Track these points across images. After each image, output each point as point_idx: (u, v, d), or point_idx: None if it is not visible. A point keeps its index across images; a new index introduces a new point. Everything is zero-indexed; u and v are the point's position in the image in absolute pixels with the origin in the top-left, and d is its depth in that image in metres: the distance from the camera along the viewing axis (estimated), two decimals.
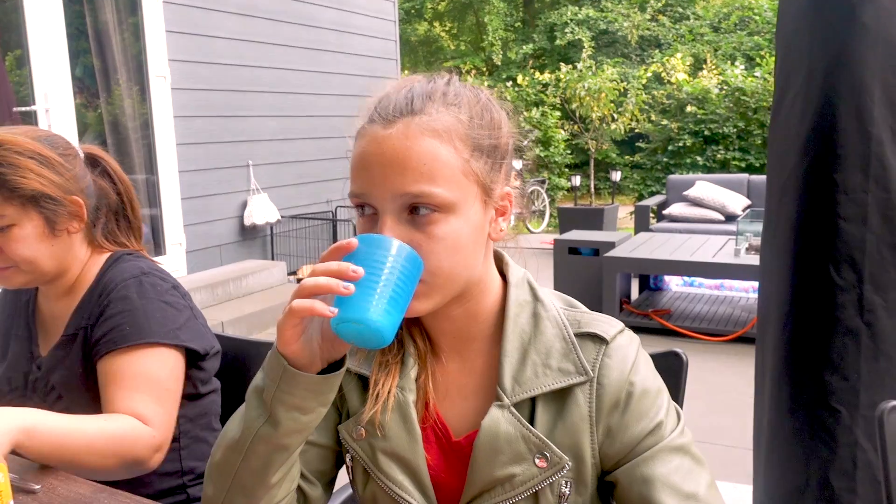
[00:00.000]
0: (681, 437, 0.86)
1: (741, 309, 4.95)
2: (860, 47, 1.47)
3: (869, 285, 1.51)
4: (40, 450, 1.11)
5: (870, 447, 1.53)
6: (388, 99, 0.83)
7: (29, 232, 1.25)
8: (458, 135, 0.80)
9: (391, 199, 0.79)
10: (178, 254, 5.15)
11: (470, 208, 0.81)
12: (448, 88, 0.84)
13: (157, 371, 1.25)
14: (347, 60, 6.75)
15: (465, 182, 0.81)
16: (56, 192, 1.26)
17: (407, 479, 0.89)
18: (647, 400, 0.86)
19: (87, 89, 4.76)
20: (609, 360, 0.86)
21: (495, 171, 0.84)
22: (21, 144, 1.24)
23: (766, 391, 1.72)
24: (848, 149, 1.50)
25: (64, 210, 1.28)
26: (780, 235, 1.65)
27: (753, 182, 7.11)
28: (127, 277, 1.30)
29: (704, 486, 0.85)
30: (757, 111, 9.35)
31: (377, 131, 0.80)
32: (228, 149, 5.56)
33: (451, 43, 17.23)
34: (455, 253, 0.80)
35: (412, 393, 0.90)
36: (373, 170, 0.80)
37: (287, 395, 0.79)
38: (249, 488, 0.85)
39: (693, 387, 2.96)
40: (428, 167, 0.78)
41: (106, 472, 1.18)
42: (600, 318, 0.90)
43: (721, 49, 13.71)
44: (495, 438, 0.85)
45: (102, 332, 1.26)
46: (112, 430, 1.17)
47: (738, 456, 2.88)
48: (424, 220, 0.79)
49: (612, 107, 10.09)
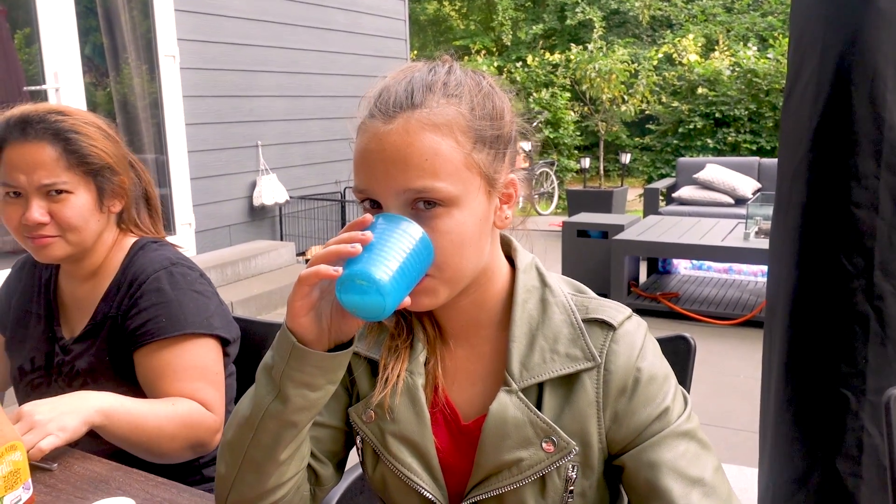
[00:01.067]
0: (687, 422, 0.87)
1: (749, 293, 4.95)
2: (875, 32, 1.45)
3: (878, 271, 1.51)
4: (117, 431, 1.16)
5: (876, 432, 1.54)
6: (388, 92, 0.82)
7: (83, 202, 1.28)
8: (460, 127, 0.80)
9: (394, 196, 0.79)
10: (187, 234, 5.17)
11: (473, 200, 0.81)
12: (449, 78, 0.84)
13: (205, 359, 1.29)
14: (356, 40, 6.72)
15: (468, 174, 0.81)
16: (117, 167, 1.31)
17: (416, 461, 0.90)
18: (654, 385, 0.86)
19: (96, 68, 4.76)
20: (616, 346, 0.86)
21: (498, 160, 0.84)
22: (85, 115, 1.29)
23: (773, 375, 1.72)
24: (860, 134, 1.49)
25: (114, 187, 1.32)
26: (790, 220, 1.64)
27: (764, 165, 7.06)
28: (158, 268, 1.31)
29: (711, 471, 0.85)
30: (769, 93, 9.25)
31: (378, 127, 0.80)
32: (237, 129, 5.56)
33: (460, 23, 17.09)
34: (461, 246, 0.81)
35: (421, 377, 0.91)
36: (375, 166, 0.79)
37: (296, 372, 0.80)
38: (260, 465, 0.86)
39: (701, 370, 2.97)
40: (430, 162, 0.78)
41: (174, 455, 1.23)
42: (608, 304, 0.90)
43: (733, 30, 13.55)
44: (503, 423, 0.86)
45: (138, 323, 1.28)
46: (182, 414, 1.22)
47: (744, 439, 2.90)
48: (428, 215, 0.79)
49: (623, 88, 10.01)
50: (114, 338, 1.31)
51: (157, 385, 1.27)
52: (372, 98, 0.83)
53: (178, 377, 1.26)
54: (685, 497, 0.82)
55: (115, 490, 1.06)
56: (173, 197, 5.08)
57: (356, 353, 0.95)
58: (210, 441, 1.26)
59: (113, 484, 1.08)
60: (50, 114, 1.26)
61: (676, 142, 9.94)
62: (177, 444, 1.21)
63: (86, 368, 1.31)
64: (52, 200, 1.25)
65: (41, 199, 1.24)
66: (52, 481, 1.08)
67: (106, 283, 1.35)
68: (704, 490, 0.84)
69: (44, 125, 1.24)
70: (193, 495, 1.05)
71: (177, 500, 1.04)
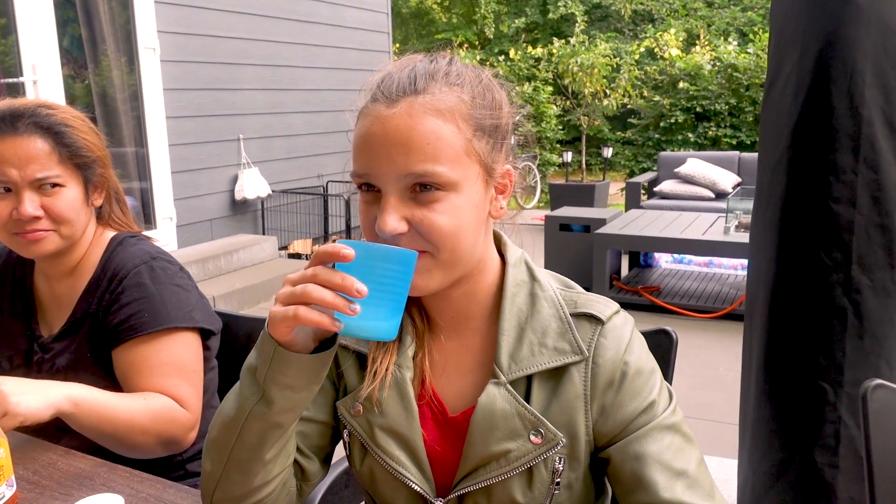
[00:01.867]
0: (672, 415, 0.88)
1: (730, 286, 5.00)
2: (853, 29, 1.47)
3: (856, 265, 1.53)
4: (85, 420, 1.14)
5: (853, 424, 1.56)
6: (390, 78, 0.83)
7: (74, 195, 1.28)
8: (461, 114, 0.81)
9: (396, 179, 0.79)
10: (168, 228, 5.13)
11: (472, 187, 0.82)
12: (450, 68, 0.85)
13: (182, 355, 1.28)
14: (339, 33, 6.69)
15: (468, 161, 0.82)
16: (104, 160, 1.31)
17: (404, 454, 0.91)
18: (640, 379, 0.88)
19: (74, 60, 4.70)
20: (604, 340, 0.87)
21: (496, 150, 0.85)
22: (71, 110, 1.28)
23: (752, 367, 1.75)
24: (839, 130, 1.51)
25: (98, 180, 1.32)
26: (770, 214, 1.66)
27: (744, 159, 7.13)
28: (138, 263, 1.30)
29: (694, 464, 0.87)
30: (749, 88, 9.33)
31: (381, 111, 0.80)
32: (219, 122, 5.51)
33: (443, 15, 17.04)
34: (457, 231, 0.81)
35: (409, 370, 0.92)
36: (377, 150, 0.80)
37: (279, 375, 0.80)
38: (245, 464, 0.87)
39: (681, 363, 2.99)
40: (431, 146, 0.79)
41: (144, 450, 1.21)
42: (596, 299, 0.91)
43: (714, 24, 13.64)
44: (491, 415, 0.87)
45: (120, 319, 1.27)
46: (154, 408, 1.21)
47: (724, 431, 2.93)
48: (428, 199, 0.80)
49: (605, 82, 10.05)
50: (95, 334, 1.30)
51: (133, 380, 1.26)
52: (374, 84, 0.84)
53: (153, 373, 1.25)
54: (669, 489, 0.84)
55: (100, 486, 1.06)
56: (154, 191, 5.03)
57: (344, 346, 0.95)
58: (183, 438, 1.25)
59: (97, 480, 1.07)
60: (39, 107, 1.25)
61: (658, 136, 10.00)
62: (148, 439, 1.20)
63: (66, 366, 1.30)
64: (45, 194, 1.24)
65: (34, 192, 1.23)
66: (36, 478, 1.08)
67: (85, 279, 1.33)
68: (688, 482, 0.85)
69: (35, 119, 1.23)
70: (179, 491, 1.05)
71: (162, 496, 1.03)
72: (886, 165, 1.51)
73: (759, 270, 1.72)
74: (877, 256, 1.53)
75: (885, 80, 1.49)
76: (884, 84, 1.49)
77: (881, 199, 1.52)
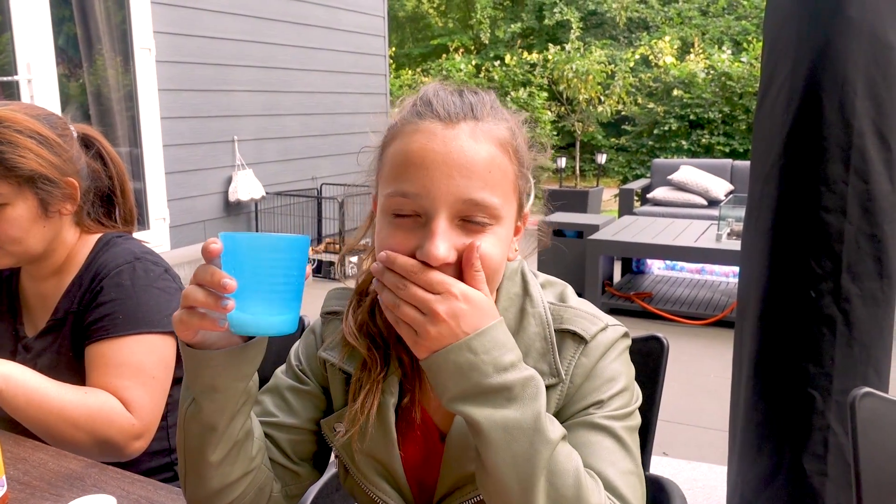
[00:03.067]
0: (614, 422, 0.83)
1: (721, 293, 5.02)
2: (845, 41, 1.49)
3: (846, 274, 1.55)
4: (12, 401, 1.12)
5: (841, 431, 1.58)
6: (439, 98, 0.79)
7: (21, 213, 1.23)
8: (513, 148, 0.80)
9: (452, 203, 0.75)
10: (161, 229, 5.12)
11: (510, 223, 0.81)
12: (494, 101, 0.83)
13: (145, 359, 1.25)
14: (335, 36, 6.69)
15: (513, 196, 0.80)
16: (53, 174, 1.24)
17: (383, 480, 0.90)
18: (599, 380, 0.84)
19: (69, 59, 4.69)
20: (584, 360, 0.84)
21: (527, 189, 0.85)
22: (21, 122, 1.22)
23: (743, 375, 1.76)
24: (830, 140, 1.53)
25: (59, 192, 1.26)
26: (761, 223, 1.68)
27: (737, 167, 7.16)
28: (121, 263, 1.29)
29: (617, 470, 0.80)
30: (742, 96, 9.39)
31: (438, 128, 0.76)
32: (214, 123, 5.51)
33: (439, 20, 17.07)
34: (500, 266, 0.80)
35: (393, 396, 0.88)
36: (436, 168, 0.74)
37: (196, 377, 0.78)
38: (195, 467, 0.85)
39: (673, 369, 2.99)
40: (493, 175, 0.76)
41: (76, 446, 1.17)
42: (583, 315, 0.87)
43: (708, 33, 13.71)
44: (466, 434, 0.82)
45: (95, 318, 1.25)
46: (89, 404, 1.17)
47: (714, 438, 2.94)
48: (476, 229, 0.76)
49: (600, 89, 10.08)
50: (75, 333, 1.29)
51: (89, 377, 1.23)
52: (418, 101, 0.80)
53: (107, 371, 1.22)
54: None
55: (91, 487, 1.05)
56: (147, 191, 5.02)
57: (331, 364, 0.92)
58: (123, 444, 1.19)
59: (88, 481, 1.07)
60: None
61: (652, 143, 10.05)
62: (80, 435, 1.16)
63: (48, 365, 1.29)
64: None
65: None
66: (27, 478, 1.08)
67: (69, 279, 1.33)
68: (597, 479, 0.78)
69: None
70: (170, 492, 1.05)
71: (153, 497, 1.03)
72: (877, 176, 1.53)
73: (751, 278, 1.73)
74: (866, 266, 1.55)
75: (876, 91, 1.51)
76: (875, 96, 1.51)
77: (871, 209, 1.53)
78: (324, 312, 0.99)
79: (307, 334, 1.00)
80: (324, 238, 6.43)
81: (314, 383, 0.97)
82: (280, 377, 0.99)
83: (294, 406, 0.95)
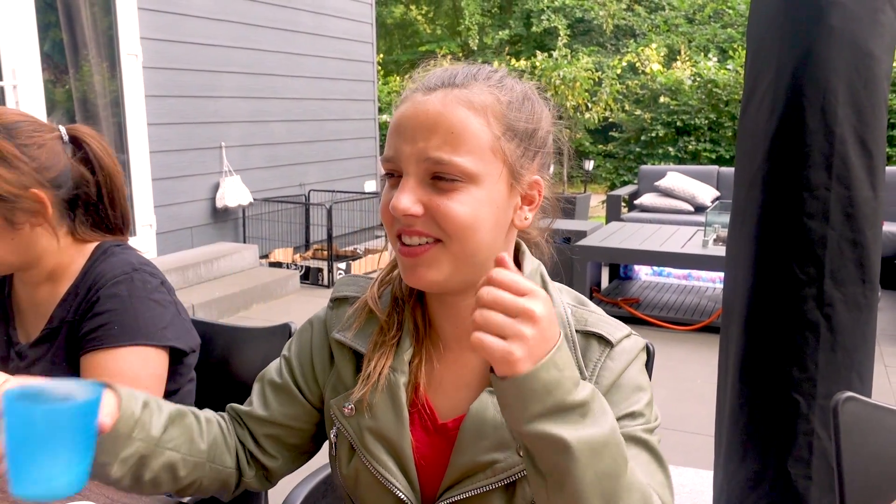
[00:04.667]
0: (649, 434, 0.87)
1: (708, 299, 5.05)
2: (826, 49, 1.51)
3: (829, 280, 1.56)
4: None
5: (825, 435, 1.59)
6: (434, 72, 0.87)
7: None
8: (494, 112, 0.83)
9: (416, 162, 0.81)
10: (148, 235, 5.09)
11: (493, 185, 0.83)
12: (494, 74, 0.87)
13: (140, 370, 1.24)
14: (322, 42, 6.70)
15: (492, 158, 0.82)
16: (10, 190, 1.18)
17: (391, 460, 0.90)
18: (628, 389, 0.87)
19: (55, 65, 4.67)
20: (610, 363, 0.87)
21: (527, 157, 0.86)
22: None
23: (728, 380, 1.77)
24: (812, 147, 1.54)
25: (22, 205, 1.21)
26: (746, 229, 1.69)
27: (723, 174, 7.22)
28: (118, 273, 1.27)
29: (657, 484, 0.83)
30: (728, 103, 9.46)
31: (416, 97, 0.84)
32: (201, 130, 5.49)
33: (427, 27, 17.13)
34: (474, 222, 0.82)
35: (404, 375, 0.91)
36: (403, 132, 0.82)
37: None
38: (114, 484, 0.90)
39: (660, 374, 3.00)
40: (455, 135, 0.80)
41: None
42: (608, 321, 0.91)
43: (695, 41, 13.83)
44: (482, 423, 0.86)
45: (90, 328, 1.24)
46: None
47: (701, 442, 2.96)
48: (447, 187, 0.81)
49: (587, 96, 10.14)
50: (70, 343, 1.28)
51: None
52: (418, 76, 0.88)
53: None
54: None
55: (75, 495, 1.04)
56: (134, 198, 5.00)
57: (340, 343, 0.95)
58: None
59: None
60: None
61: (639, 149, 10.11)
62: None
63: (41, 374, 1.28)
64: None
65: None
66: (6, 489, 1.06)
67: (64, 286, 1.31)
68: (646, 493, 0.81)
69: None
70: (154, 500, 1.04)
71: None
72: (858, 182, 1.54)
73: (735, 284, 1.74)
74: (849, 271, 1.56)
75: (857, 99, 1.52)
76: (856, 103, 1.52)
77: (853, 215, 1.55)
78: (333, 298, 1.01)
79: (304, 327, 1.03)
80: (311, 244, 6.42)
81: (300, 378, 1.00)
82: (269, 368, 1.04)
83: (269, 400, 1.00)
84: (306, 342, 1.01)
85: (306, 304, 5.19)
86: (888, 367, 3.89)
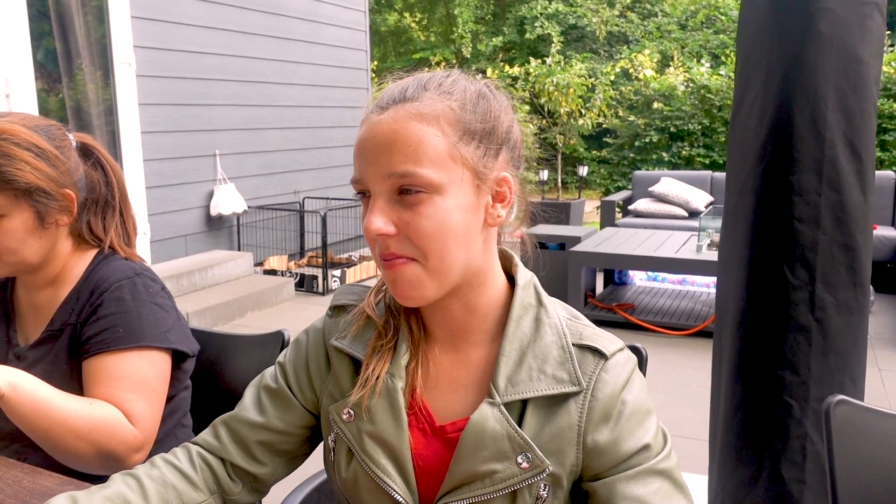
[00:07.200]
0: (665, 460, 0.88)
1: (702, 304, 5.06)
2: (816, 54, 1.52)
3: (820, 284, 1.57)
4: (20, 408, 1.12)
5: (819, 439, 1.59)
6: (387, 90, 0.87)
7: (17, 224, 1.24)
8: (447, 119, 0.83)
9: (381, 180, 0.83)
10: (142, 243, 5.08)
11: (458, 191, 0.83)
12: (445, 79, 0.88)
13: (146, 372, 1.26)
14: (316, 50, 6.71)
15: (453, 164, 0.83)
16: (50, 186, 1.24)
17: (390, 463, 0.91)
18: (636, 419, 0.87)
19: (48, 74, 4.66)
20: (606, 376, 0.87)
21: (489, 156, 0.86)
22: (19, 135, 1.22)
23: (722, 384, 1.77)
24: (803, 152, 1.56)
25: (56, 204, 1.27)
26: (737, 234, 1.70)
27: (716, 179, 7.24)
28: (121, 277, 1.29)
29: None
30: (721, 109, 9.49)
31: (372, 118, 0.85)
32: (195, 138, 5.49)
33: (421, 34, 17.17)
34: (444, 234, 0.82)
35: (401, 380, 0.91)
36: (366, 154, 0.84)
37: None
38: None
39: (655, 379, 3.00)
40: (413, 149, 0.81)
41: (79, 458, 1.18)
42: (602, 334, 0.92)
43: (688, 47, 13.89)
44: (482, 433, 0.86)
45: (94, 331, 1.25)
46: (94, 415, 1.17)
47: (695, 447, 2.96)
48: (413, 201, 0.82)
49: (580, 102, 10.16)
50: (72, 346, 1.29)
51: (91, 390, 1.23)
52: (374, 95, 0.89)
53: (110, 384, 1.22)
54: None
55: None
56: None
57: (339, 350, 0.96)
58: (125, 456, 1.20)
59: None
60: None
61: (633, 155, 10.12)
62: (84, 446, 1.16)
63: (41, 376, 1.28)
64: None
65: None
66: (1, 496, 1.06)
67: (66, 290, 1.32)
68: None
69: None
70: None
71: None
72: (848, 187, 1.55)
73: (728, 288, 1.75)
74: (840, 275, 1.57)
75: (847, 104, 1.54)
76: (845, 108, 1.54)
77: (844, 219, 1.56)
78: (332, 307, 1.02)
79: (300, 336, 1.04)
80: (306, 252, 6.42)
81: (294, 384, 1.01)
82: (264, 374, 1.04)
83: (265, 405, 1.01)
84: (302, 349, 1.02)
85: (301, 312, 5.19)
86: (882, 371, 3.90)
